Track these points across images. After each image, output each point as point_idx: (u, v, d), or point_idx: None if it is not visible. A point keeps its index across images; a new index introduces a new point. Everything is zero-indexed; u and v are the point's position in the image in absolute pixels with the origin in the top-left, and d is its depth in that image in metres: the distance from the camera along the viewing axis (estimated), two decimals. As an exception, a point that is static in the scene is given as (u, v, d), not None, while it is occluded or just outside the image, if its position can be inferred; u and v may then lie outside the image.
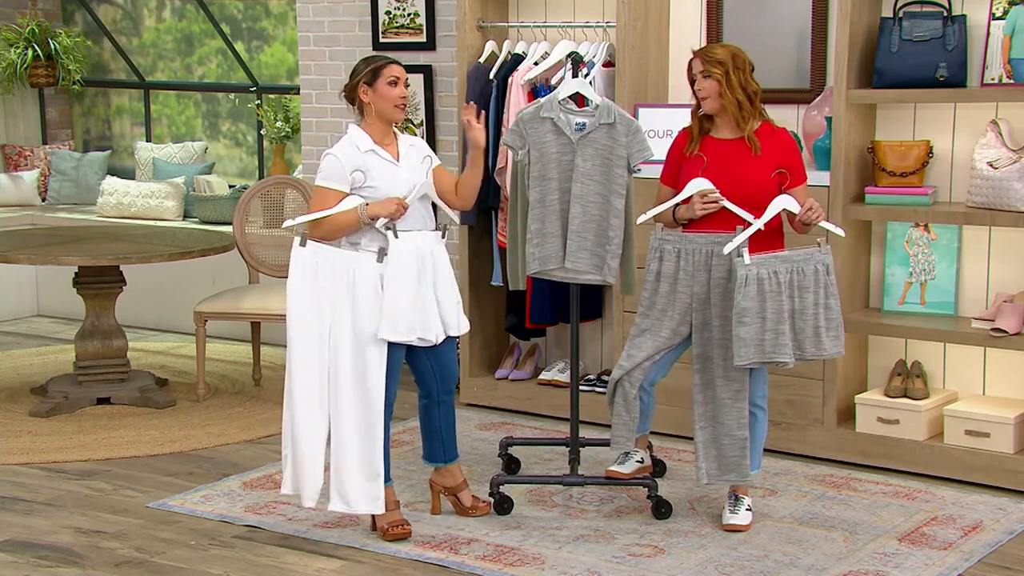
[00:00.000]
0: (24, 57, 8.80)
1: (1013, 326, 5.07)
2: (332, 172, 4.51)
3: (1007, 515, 4.82)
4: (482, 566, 4.36)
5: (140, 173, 8.82)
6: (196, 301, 6.71)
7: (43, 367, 7.17)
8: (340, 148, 4.55)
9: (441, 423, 4.74)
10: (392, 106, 4.55)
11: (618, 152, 4.68)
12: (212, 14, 8.70)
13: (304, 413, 4.49)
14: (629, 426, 4.70)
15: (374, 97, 4.55)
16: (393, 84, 4.54)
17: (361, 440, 4.48)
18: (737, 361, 4.48)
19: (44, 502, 5.05)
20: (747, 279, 4.45)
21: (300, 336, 4.47)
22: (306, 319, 4.47)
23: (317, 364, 4.48)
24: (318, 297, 4.47)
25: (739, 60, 4.61)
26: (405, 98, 4.57)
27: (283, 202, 6.98)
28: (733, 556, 4.44)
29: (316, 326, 4.47)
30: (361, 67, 4.58)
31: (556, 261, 4.76)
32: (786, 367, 4.53)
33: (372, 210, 4.46)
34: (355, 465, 4.48)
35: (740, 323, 4.45)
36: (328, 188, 4.51)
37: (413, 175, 4.58)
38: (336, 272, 4.47)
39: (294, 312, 4.47)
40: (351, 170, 4.50)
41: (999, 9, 5.17)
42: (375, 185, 4.51)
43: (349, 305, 4.46)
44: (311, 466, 4.51)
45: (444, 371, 4.69)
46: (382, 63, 4.57)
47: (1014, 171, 5.03)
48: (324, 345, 4.48)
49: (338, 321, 4.46)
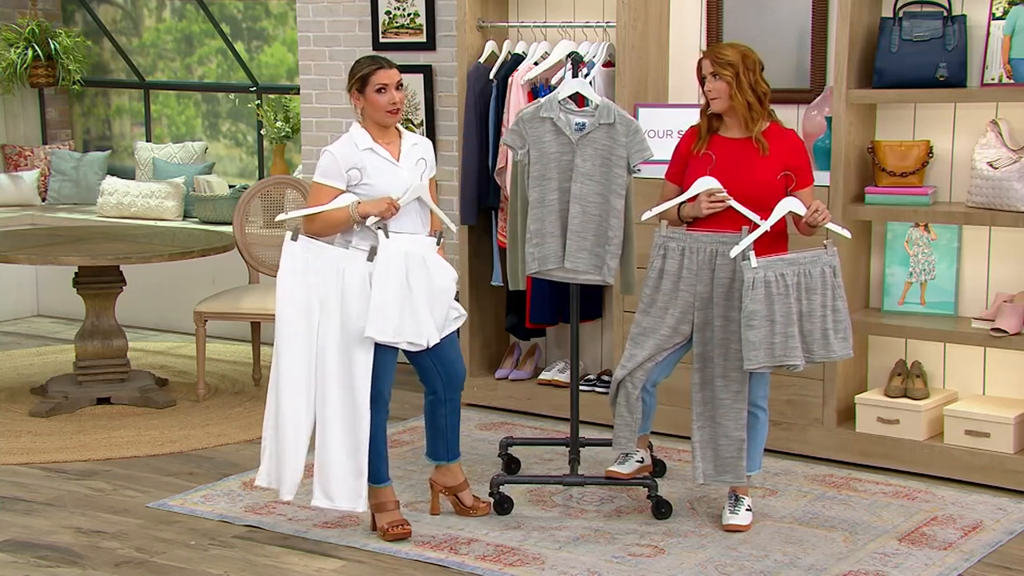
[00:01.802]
0: (24, 57, 8.80)
1: (1013, 326, 5.07)
2: (328, 169, 4.52)
3: (1007, 515, 4.81)
4: (482, 566, 4.36)
5: (140, 173, 8.82)
6: (196, 301, 6.71)
7: (43, 367, 7.17)
8: (338, 146, 4.55)
9: (447, 421, 4.74)
10: (383, 112, 4.52)
11: (618, 152, 4.68)
12: (212, 14, 8.70)
13: (289, 406, 4.50)
14: (631, 427, 4.70)
15: (365, 103, 4.54)
16: (382, 91, 4.50)
17: (346, 437, 4.48)
18: (747, 365, 4.47)
19: (44, 502, 5.05)
20: (754, 282, 4.44)
21: (288, 330, 4.48)
22: (295, 313, 4.48)
23: (304, 358, 4.49)
24: (308, 292, 4.48)
25: (749, 61, 4.60)
26: (396, 103, 4.52)
27: (283, 202, 6.98)
28: (733, 556, 4.44)
29: (305, 320, 4.48)
30: (354, 71, 4.57)
31: (555, 261, 4.75)
32: (795, 370, 4.52)
33: (363, 208, 4.46)
34: (340, 461, 4.49)
35: (749, 327, 4.44)
36: (324, 184, 4.52)
37: (412, 175, 4.57)
38: (326, 269, 4.48)
39: (283, 306, 4.48)
40: (347, 168, 4.50)
41: (999, 9, 5.17)
42: (371, 183, 4.51)
43: (338, 302, 4.47)
44: (293, 458, 4.52)
45: (449, 370, 4.69)
46: (370, 70, 4.52)
47: (1014, 171, 5.03)
48: (312, 340, 4.48)
49: (326, 317, 4.47)
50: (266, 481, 4.60)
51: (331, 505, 4.53)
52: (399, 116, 4.57)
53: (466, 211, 6.18)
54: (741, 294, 4.51)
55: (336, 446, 4.49)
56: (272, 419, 4.55)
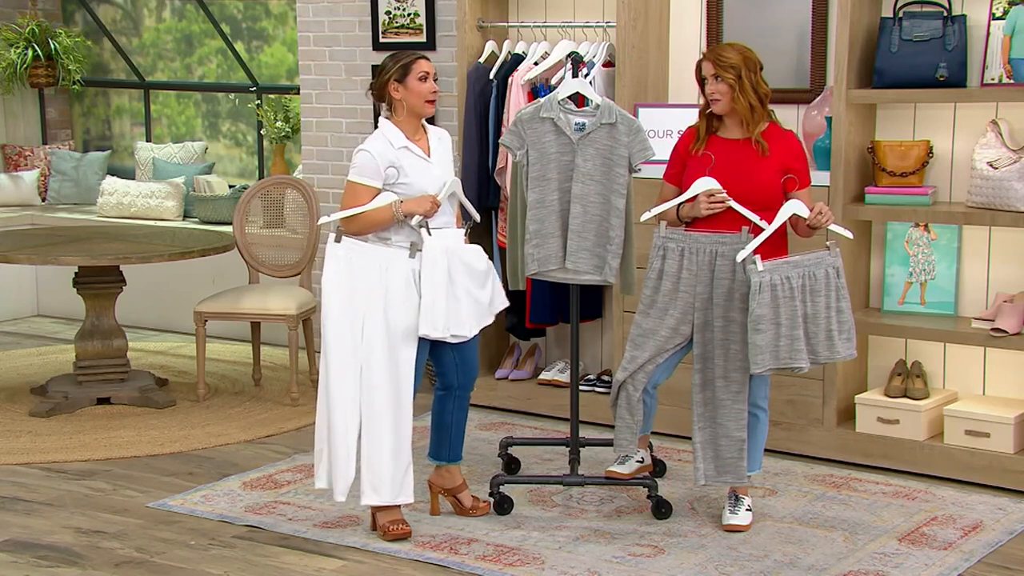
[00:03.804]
0: (24, 57, 8.80)
1: (1013, 326, 5.07)
2: (366, 168, 4.51)
3: (1007, 515, 4.81)
4: (482, 566, 4.36)
5: (140, 173, 8.81)
6: (196, 301, 6.71)
7: (43, 367, 7.17)
8: (374, 144, 4.54)
9: (454, 418, 4.76)
10: (423, 101, 4.55)
11: (619, 152, 4.68)
12: (212, 14, 8.70)
13: (340, 408, 4.50)
14: (632, 429, 4.70)
15: (405, 93, 4.55)
16: (423, 79, 4.55)
17: (393, 434, 4.51)
18: (754, 369, 4.47)
19: (44, 502, 5.04)
20: (761, 286, 4.43)
21: (335, 332, 4.49)
22: (341, 314, 4.49)
23: (352, 360, 4.50)
24: (353, 293, 4.49)
25: (751, 63, 4.60)
26: (436, 92, 4.58)
27: (283, 202, 6.98)
28: (733, 556, 4.44)
29: (350, 320, 4.49)
30: (390, 64, 4.57)
31: (556, 261, 4.75)
32: (800, 371, 4.52)
33: (407, 207, 4.48)
34: (388, 458, 4.51)
35: (756, 331, 4.43)
36: (362, 184, 4.51)
37: (443, 171, 4.60)
38: (370, 268, 4.49)
39: (330, 308, 4.50)
40: (385, 166, 4.51)
41: (999, 9, 5.17)
42: (408, 182, 4.53)
43: (382, 300, 4.48)
44: (345, 461, 4.53)
45: (466, 364, 4.72)
46: (411, 59, 4.56)
47: (1014, 171, 5.03)
48: (359, 340, 4.50)
49: (371, 316, 4.48)
50: (326, 482, 4.59)
51: (382, 502, 4.54)
52: (434, 107, 4.60)
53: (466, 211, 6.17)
54: (741, 295, 4.52)
55: (385, 443, 4.50)
56: (324, 420, 4.55)
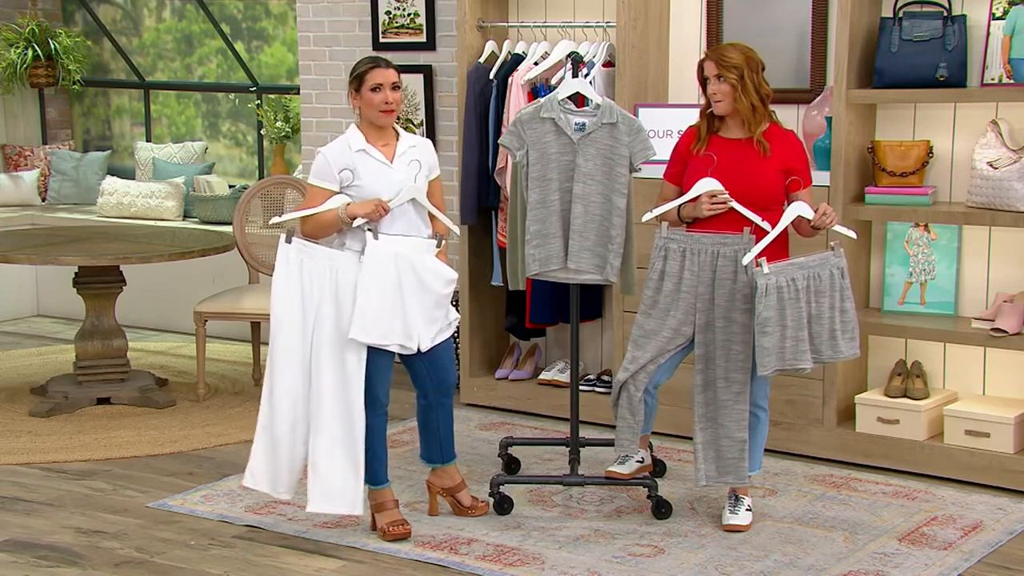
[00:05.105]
0: (24, 57, 8.80)
1: (1013, 326, 5.07)
2: (321, 170, 4.54)
3: (1007, 515, 4.81)
4: (482, 566, 4.36)
5: (140, 173, 8.81)
6: (196, 301, 6.71)
7: (43, 367, 7.17)
8: (331, 147, 4.56)
9: (439, 424, 4.74)
10: (377, 112, 4.52)
11: (620, 152, 4.68)
12: (212, 14, 8.70)
13: (284, 407, 4.51)
14: (634, 429, 4.70)
15: (361, 103, 4.55)
16: (376, 90, 4.50)
17: (342, 439, 4.48)
18: (761, 371, 4.47)
19: (44, 502, 5.04)
20: (767, 288, 4.43)
21: (283, 331, 4.49)
22: (289, 314, 4.49)
23: (300, 360, 4.50)
24: (302, 293, 4.49)
25: (753, 63, 4.59)
26: (391, 103, 4.51)
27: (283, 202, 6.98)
28: (733, 556, 4.44)
29: (299, 321, 4.49)
30: (352, 70, 4.58)
31: (558, 262, 4.75)
32: (804, 372, 4.52)
33: (352, 210, 4.47)
34: (335, 464, 4.49)
35: (763, 333, 4.43)
36: (317, 186, 4.54)
37: (404, 177, 4.57)
38: (320, 269, 4.49)
39: (278, 307, 4.50)
40: (339, 169, 4.51)
41: (999, 9, 5.17)
42: (362, 184, 4.51)
43: (331, 303, 4.47)
44: (289, 458, 4.54)
45: (439, 375, 4.68)
46: (366, 68, 4.53)
47: (1014, 171, 5.03)
48: (307, 341, 4.49)
49: (320, 318, 4.48)
50: (252, 481, 4.60)
51: (330, 508, 4.53)
52: (393, 116, 4.56)
53: (466, 211, 6.18)
54: (743, 296, 4.52)
55: (332, 449, 4.48)
56: (266, 419, 4.55)
